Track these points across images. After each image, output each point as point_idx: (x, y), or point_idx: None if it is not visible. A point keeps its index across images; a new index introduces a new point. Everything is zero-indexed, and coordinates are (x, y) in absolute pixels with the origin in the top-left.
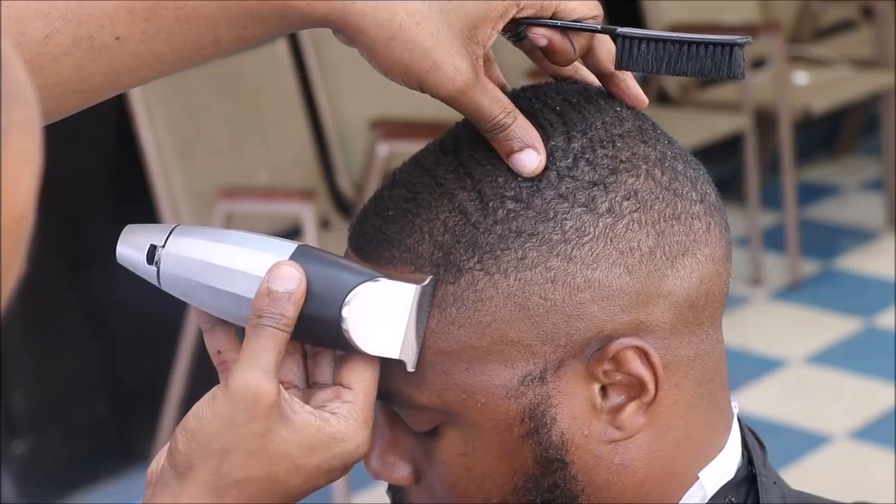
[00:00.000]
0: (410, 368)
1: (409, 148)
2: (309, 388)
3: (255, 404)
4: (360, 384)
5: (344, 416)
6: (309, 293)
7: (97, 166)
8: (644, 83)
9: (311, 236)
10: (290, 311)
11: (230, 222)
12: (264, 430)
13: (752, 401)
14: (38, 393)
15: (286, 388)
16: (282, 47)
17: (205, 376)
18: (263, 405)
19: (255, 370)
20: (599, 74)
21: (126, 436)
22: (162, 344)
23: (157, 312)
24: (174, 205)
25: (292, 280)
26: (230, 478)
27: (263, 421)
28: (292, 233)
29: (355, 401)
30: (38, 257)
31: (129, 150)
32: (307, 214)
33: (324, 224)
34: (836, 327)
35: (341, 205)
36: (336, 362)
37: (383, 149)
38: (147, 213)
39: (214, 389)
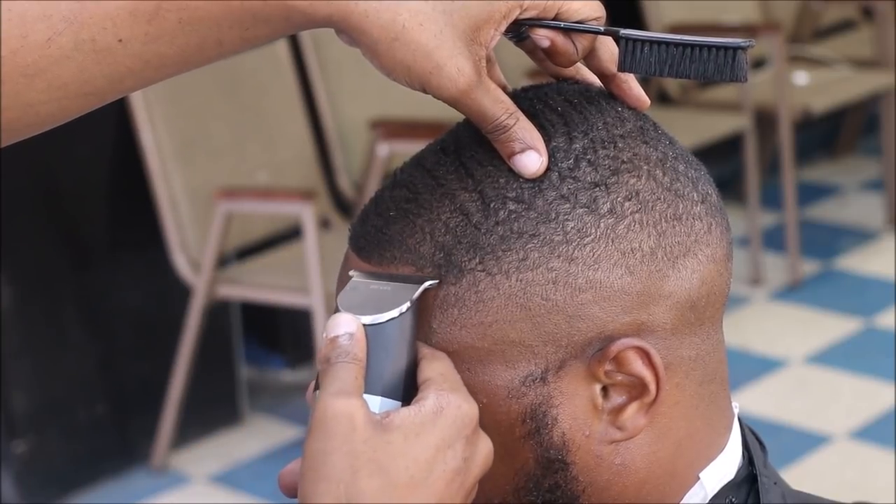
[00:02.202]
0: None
1: (409, 148)
2: None
3: (339, 422)
4: (430, 372)
5: (432, 393)
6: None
7: (97, 166)
8: (644, 83)
9: (311, 236)
10: (354, 347)
11: (230, 222)
12: (364, 443)
13: (752, 401)
14: (38, 393)
15: None
16: (282, 47)
17: (205, 377)
18: (352, 422)
19: (333, 397)
20: (601, 75)
21: (126, 436)
22: (162, 344)
23: (157, 313)
24: (174, 205)
25: (350, 324)
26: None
27: (360, 435)
28: (292, 233)
29: (433, 380)
30: (38, 257)
31: (129, 150)
32: (307, 214)
33: (324, 224)
34: (836, 327)
35: (341, 205)
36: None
37: (383, 149)
38: (147, 213)
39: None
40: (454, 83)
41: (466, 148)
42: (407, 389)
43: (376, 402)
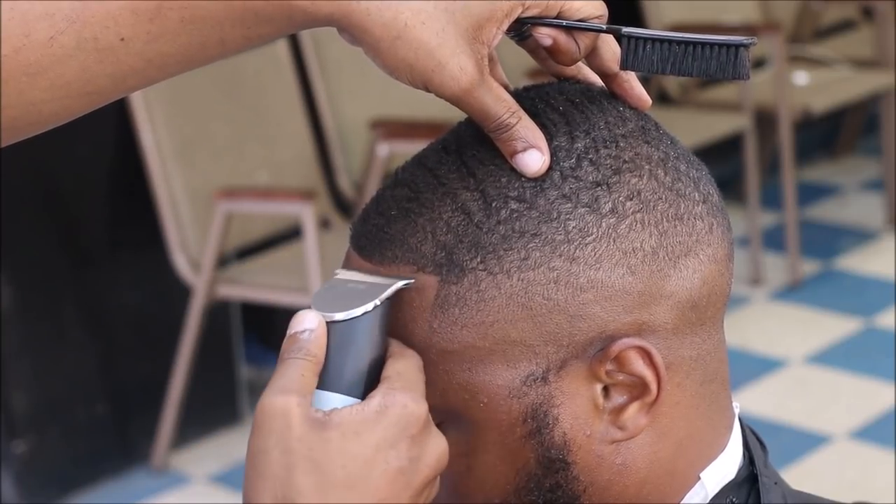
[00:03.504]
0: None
1: (409, 148)
2: None
3: (275, 419)
4: (388, 371)
5: (380, 392)
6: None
7: (97, 166)
8: (645, 82)
9: (311, 236)
10: (312, 344)
11: (230, 222)
12: (298, 441)
13: (752, 401)
14: (38, 393)
15: None
16: (282, 47)
17: (205, 376)
18: (287, 420)
19: (273, 393)
20: (603, 74)
21: (126, 436)
22: (162, 344)
23: (157, 312)
24: (174, 205)
25: (312, 321)
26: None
27: (295, 432)
28: (292, 233)
29: (388, 378)
30: (38, 257)
31: (129, 150)
32: (307, 214)
33: (324, 224)
34: (836, 327)
35: (341, 205)
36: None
37: (383, 149)
38: (147, 213)
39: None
40: (456, 81)
41: (468, 147)
42: (370, 387)
43: (337, 400)
